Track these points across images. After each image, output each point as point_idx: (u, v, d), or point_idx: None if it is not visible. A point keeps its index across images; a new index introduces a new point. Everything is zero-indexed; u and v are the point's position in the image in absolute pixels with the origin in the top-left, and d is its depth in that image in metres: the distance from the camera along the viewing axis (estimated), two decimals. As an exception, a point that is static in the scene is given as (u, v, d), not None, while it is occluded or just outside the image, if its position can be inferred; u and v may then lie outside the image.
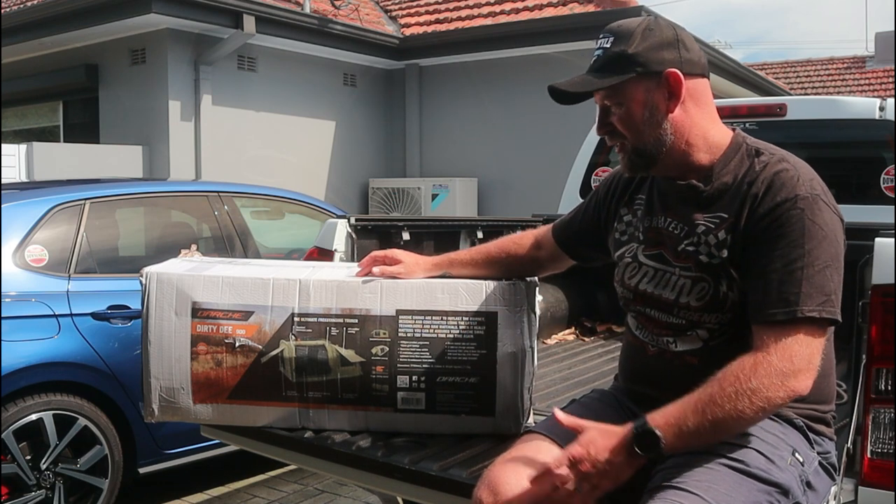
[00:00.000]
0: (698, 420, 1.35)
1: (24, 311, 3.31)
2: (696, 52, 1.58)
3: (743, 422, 1.37)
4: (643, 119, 1.55)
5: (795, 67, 19.45)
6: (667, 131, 1.56)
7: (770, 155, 1.55)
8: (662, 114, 1.55)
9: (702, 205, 1.58)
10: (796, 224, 1.44)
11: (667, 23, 1.59)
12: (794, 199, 1.46)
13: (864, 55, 18.79)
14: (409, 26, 9.62)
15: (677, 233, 1.60)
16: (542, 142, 8.44)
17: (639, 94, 1.54)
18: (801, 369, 1.37)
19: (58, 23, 7.64)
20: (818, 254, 1.42)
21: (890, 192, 3.65)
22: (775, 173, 1.50)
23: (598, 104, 1.61)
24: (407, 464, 1.80)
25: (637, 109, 1.55)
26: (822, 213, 1.45)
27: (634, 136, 1.57)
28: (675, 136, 1.56)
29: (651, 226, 1.67)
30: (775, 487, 1.42)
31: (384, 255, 2.00)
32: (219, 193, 4.27)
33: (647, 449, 1.34)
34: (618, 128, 1.58)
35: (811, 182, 1.49)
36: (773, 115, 3.94)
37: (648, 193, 1.71)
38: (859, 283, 2.11)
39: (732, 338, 1.54)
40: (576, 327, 3.50)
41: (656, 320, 1.63)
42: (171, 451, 3.70)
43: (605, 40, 1.58)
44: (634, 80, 1.54)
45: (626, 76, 1.53)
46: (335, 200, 8.44)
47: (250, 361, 1.93)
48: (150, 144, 7.70)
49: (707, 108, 1.60)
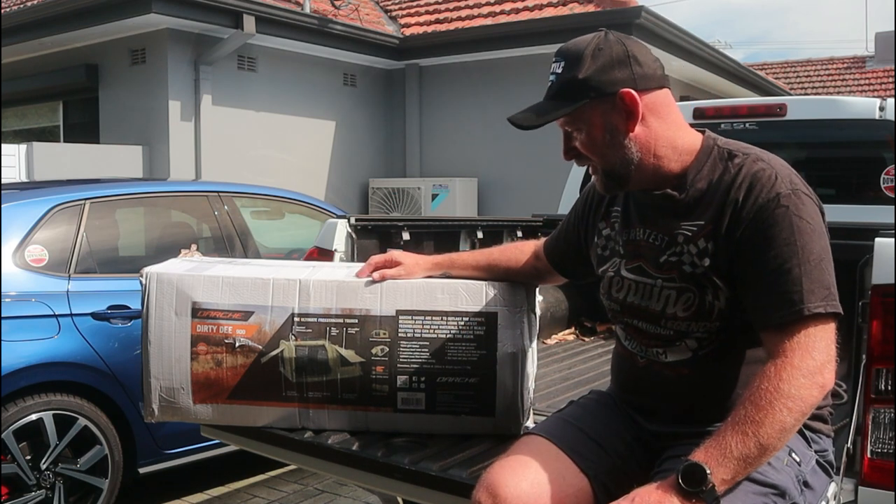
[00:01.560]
0: (741, 442, 1.30)
1: (24, 311, 3.31)
2: (649, 66, 1.54)
3: (786, 431, 1.33)
4: (605, 142, 1.53)
5: (795, 67, 19.46)
6: (631, 150, 1.53)
7: (744, 156, 1.52)
8: (623, 134, 1.52)
9: (679, 214, 1.55)
10: (783, 222, 1.42)
11: (617, 38, 1.54)
12: (776, 199, 1.44)
13: (864, 55, 18.80)
14: (409, 26, 9.62)
15: (658, 244, 1.58)
16: (542, 142, 8.39)
17: (596, 118, 1.52)
18: (824, 363, 1.36)
19: (58, 23, 7.64)
20: (811, 248, 1.41)
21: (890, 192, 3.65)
22: (753, 174, 1.48)
23: (562, 129, 1.59)
24: (407, 464, 1.80)
25: (597, 133, 1.53)
26: (805, 206, 1.44)
27: (600, 159, 1.56)
28: (641, 153, 1.53)
29: (629, 239, 1.65)
30: (772, 489, 1.42)
31: (383, 260, 1.99)
32: (219, 193, 4.27)
33: (696, 483, 1.27)
34: (583, 152, 1.57)
35: (790, 178, 1.47)
36: (773, 115, 3.94)
37: (624, 205, 1.69)
38: (859, 283, 2.11)
39: (721, 347, 1.53)
40: (576, 327, 3.50)
41: (644, 332, 1.61)
42: (171, 451, 3.70)
43: (557, 65, 1.55)
44: (589, 105, 1.51)
45: (579, 103, 1.51)
46: (335, 200, 8.44)
47: (250, 361, 1.93)
48: (150, 144, 7.70)
49: (671, 118, 1.56)
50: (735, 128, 3.95)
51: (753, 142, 1.62)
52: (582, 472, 1.55)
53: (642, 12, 7.71)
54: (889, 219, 3.28)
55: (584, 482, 1.54)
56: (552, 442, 1.59)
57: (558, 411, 1.78)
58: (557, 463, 1.55)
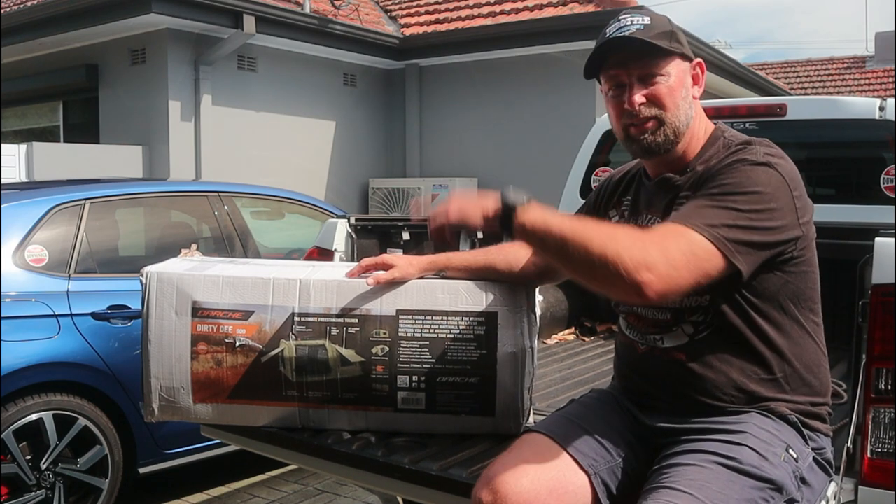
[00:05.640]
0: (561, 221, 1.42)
1: (24, 311, 3.31)
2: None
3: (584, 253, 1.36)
4: (682, 95, 1.62)
5: (795, 67, 19.45)
6: (691, 114, 1.64)
7: (741, 143, 1.61)
8: (691, 97, 1.65)
9: (676, 194, 1.63)
10: (727, 172, 1.51)
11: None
12: (737, 160, 1.52)
13: (864, 55, 18.79)
14: (409, 26, 9.62)
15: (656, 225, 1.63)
16: (542, 142, 8.44)
17: (681, 71, 1.63)
18: (659, 265, 1.34)
19: (58, 23, 7.64)
20: (735, 198, 1.46)
21: (890, 192, 3.65)
22: (734, 152, 1.57)
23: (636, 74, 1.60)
24: (407, 464, 1.80)
25: (678, 85, 1.62)
26: (763, 174, 1.49)
27: (674, 109, 1.61)
28: (694, 120, 1.65)
29: (636, 225, 1.70)
30: (768, 484, 1.43)
31: (374, 263, 1.98)
32: (219, 193, 4.27)
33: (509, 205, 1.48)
34: (660, 98, 1.60)
35: (766, 154, 1.53)
36: (773, 115, 3.93)
37: (635, 195, 1.77)
38: (859, 283, 2.11)
39: (715, 332, 1.57)
40: (576, 327, 3.50)
41: (643, 317, 1.67)
42: (171, 451, 3.70)
43: (640, 18, 1.61)
44: (679, 58, 1.62)
45: (681, 49, 1.62)
46: (335, 200, 8.43)
47: (250, 361, 1.93)
48: (150, 144, 7.70)
49: (699, 104, 1.70)
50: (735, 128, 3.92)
51: (753, 142, 1.63)
52: (582, 469, 1.55)
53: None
54: (889, 219, 3.28)
55: (585, 480, 1.55)
56: (553, 439, 1.59)
57: (559, 409, 1.79)
58: (558, 460, 1.55)
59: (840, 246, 2.23)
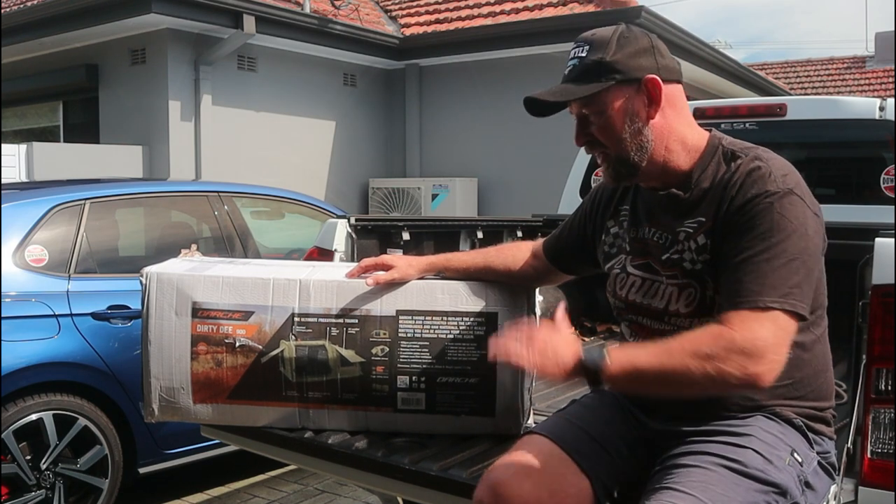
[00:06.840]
0: (648, 362, 1.38)
1: (24, 311, 3.31)
2: (670, 59, 1.59)
3: (688, 381, 1.35)
4: (624, 127, 1.55)
5: (795, 67, 19.45)
6: (648, 138, 1.56)
7: (745, 156, 1.55)
8: (643, 121, 1.55)
9: (683, 212, 1.58)
10: (765, 217, 1.44)
11: (640, 31, 1.59)
12: (763, 194, 1.46)
13: (864, 55, 18.78)
14: (409, 26, 9.62)
15: (662, 242, 1.60)
16: (543, 142, 8.43)
17: (619, 101, 1.54)
18: (763, 354, 1.34)
19: (58, 23, 7.63)
20: (785, 247, 1.42)
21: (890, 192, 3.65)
22: (748, 172, 1.50)
23: (576, 114, 1.60)
24: (407, 464, 1.80)
25: (618, 118, 1.55)
26: (793, 207, 1.45)
27: (616, 145, 1.56)
28: (655, 143, 1.56)
29: (637, 237, 1.67)
30: (773, 487, 1.42)
31: (374, 263, 1.98)
32: (219, 193, 4.27)
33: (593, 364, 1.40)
34: (598, 138, 1.57)
35: (784, 178, 1.49)
36: (773, 115, 3.94)
37: (632, 204, 1.72)
38: (859, 283, 2.11)
39: None
40: (576, 327, 3.50)
41: (648, 328, 1.64)
42: (171, 451, 3.70)
43: (579, 49, 1.57)
44: (614, 87, 1.53)
45: (606, 83, 1.53)
46: (335, 200, 8.43)
47: (250, 361, 1.93)
48: (150, 144, 7.70)
49: (683, 113, 1.60)
50: (735, 128, 3.94)
51: (753, 142, 1.63)
52: (583, 472, 1.55)
53: (642, 12, 7.71)
54: (889, 219, 3.28)
55: (585, 482, 1.55)
56: (554, 442, 1.59)
57: (560, 410, 1.78)
58: (559, 463, 1.55)
59: (840, 246, 2.23)
